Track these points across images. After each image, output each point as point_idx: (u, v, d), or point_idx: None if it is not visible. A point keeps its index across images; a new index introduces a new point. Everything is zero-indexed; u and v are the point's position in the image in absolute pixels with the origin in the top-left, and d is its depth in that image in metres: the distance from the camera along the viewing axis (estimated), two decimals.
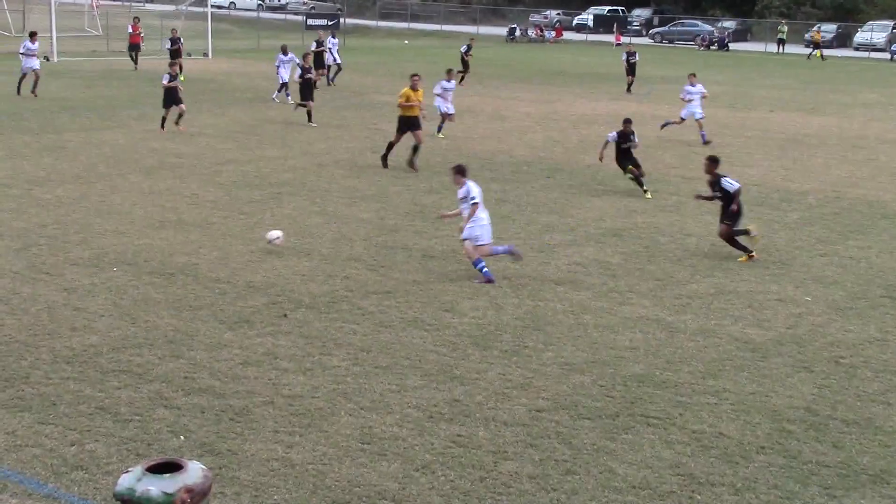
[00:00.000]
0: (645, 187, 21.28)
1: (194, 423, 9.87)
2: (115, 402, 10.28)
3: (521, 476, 9.06)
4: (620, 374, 11.50)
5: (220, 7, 79.11)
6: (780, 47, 73.30)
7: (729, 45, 76.12)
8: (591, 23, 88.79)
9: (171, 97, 28.10)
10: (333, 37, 44.33)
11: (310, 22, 75.69)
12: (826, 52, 68.87)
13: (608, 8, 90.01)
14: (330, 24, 67.59)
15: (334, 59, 42.72)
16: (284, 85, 35.99)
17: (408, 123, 23.84)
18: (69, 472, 8.85)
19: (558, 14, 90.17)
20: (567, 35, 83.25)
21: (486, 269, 14.77)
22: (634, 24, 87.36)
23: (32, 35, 36.94)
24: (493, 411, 10.38)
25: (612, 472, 9.18)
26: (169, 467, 5.34)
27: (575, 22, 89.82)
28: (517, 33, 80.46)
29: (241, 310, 13.30)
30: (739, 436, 10.01)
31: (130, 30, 48.18)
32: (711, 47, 76.18)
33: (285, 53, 36.18)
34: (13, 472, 8.83)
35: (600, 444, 9.73)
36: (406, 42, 73.60)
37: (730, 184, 16.64)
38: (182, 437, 9.56)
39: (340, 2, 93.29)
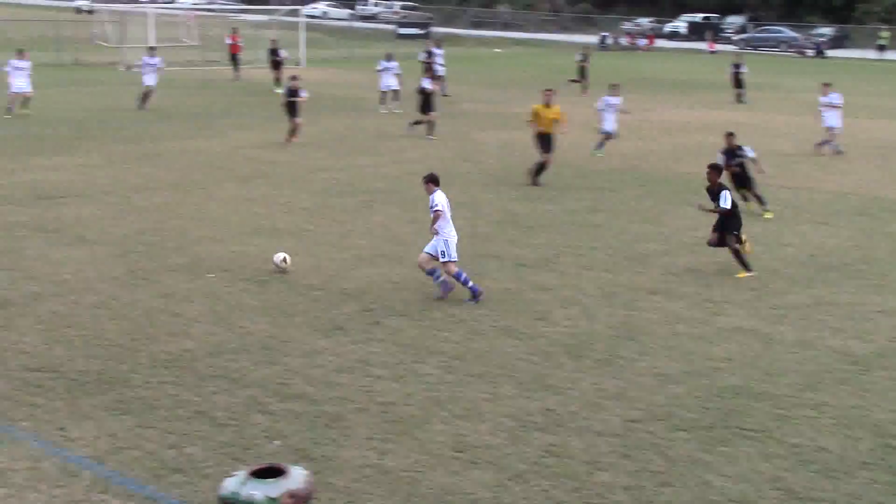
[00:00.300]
0: (766, 206, 20.06)
1: (289, 428, 9.97)
2: (212, 407, 10.44)
3: (616, 487, 8.96)
4: (716, 385, 11.31)
5: (312, 17, 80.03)
6: (881, 53, 71.67)
7: (825, 51, 74.58)
8: (684, 30, 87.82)
9: (294, 109, 27.87)
10: (438, 47, 44.20)
11: (401, 31, 76.32)
12: None
13: (702, 15, 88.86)
14: (422, 32, 67.91)
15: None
16: (387, 93, 36.02)
17: (542, 142, 22.86)
18: (168, 474, 9.00)
19: (650, 21, 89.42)
20: (659, 43, 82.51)
21: (442, 278, 14.21)
22: (728, 31, 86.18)
23: (152, 49, 36.94)
24: (587, 421, 10.29)
25: (708, 485, 9.03)
26: (272, 472, 5.40)
27: (667, 29, 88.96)
28: (609, 41, 79.95)
29: (335, 317, 13.41)
30: (841, 450, 9.76)
31: (230, 40, 48.78)
32: (807, 53, 74.73)
33: (389, 60, 36.25)
34: (115, 473, 9.02)
35: (696, 456, 9.58)
36: (497, 51, 73.58)
37: (724, 199, 15.79)
38: (277, 441, 9.66)
39: (431, 10, 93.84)
